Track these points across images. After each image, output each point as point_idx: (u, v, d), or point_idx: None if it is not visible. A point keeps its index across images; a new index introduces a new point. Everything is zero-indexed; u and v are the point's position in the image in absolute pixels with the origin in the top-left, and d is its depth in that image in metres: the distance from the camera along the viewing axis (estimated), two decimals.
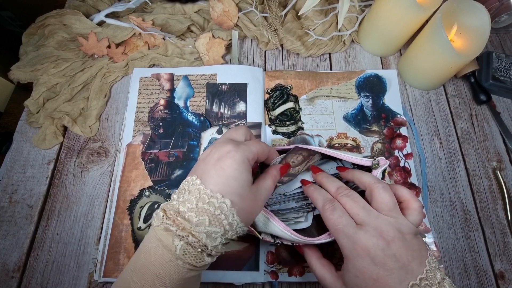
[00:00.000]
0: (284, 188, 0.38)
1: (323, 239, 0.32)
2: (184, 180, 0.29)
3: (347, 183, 0.35)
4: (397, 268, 0.26)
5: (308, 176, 0.38)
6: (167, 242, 0.26)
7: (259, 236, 0.35)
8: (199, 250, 0.26)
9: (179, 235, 0.26)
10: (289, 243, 0.36)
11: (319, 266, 0.33)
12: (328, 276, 0.32)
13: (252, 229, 0.35)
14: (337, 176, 0.37)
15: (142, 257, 0.27)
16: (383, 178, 0.34)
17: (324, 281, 0.32)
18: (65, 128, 0.50)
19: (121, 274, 0.28)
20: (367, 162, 0.34)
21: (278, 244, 0.37)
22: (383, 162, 0.34)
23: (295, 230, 0.36)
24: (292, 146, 0.38)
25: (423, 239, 0.31)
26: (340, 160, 0.38)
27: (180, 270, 0.26)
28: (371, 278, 0.27)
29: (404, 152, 0.48)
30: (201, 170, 0.29)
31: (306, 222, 0.37)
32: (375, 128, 0.50)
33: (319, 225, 0.36)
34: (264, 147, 0.33)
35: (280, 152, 0.39)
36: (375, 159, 0.34)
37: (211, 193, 0.27)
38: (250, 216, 0.30)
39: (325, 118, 0.51)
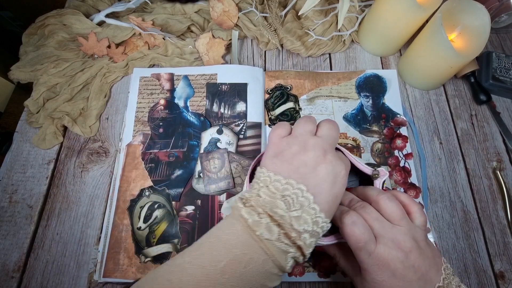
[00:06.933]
0: None
1: (331, 240, 0.32)
2: (287, 184, 0.26)
3: None
4: (416, 279, 0.27)
5: None
6: (281, 261, 0.25)
7: None
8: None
9: (294, 256, 0.26)
10: None
11: (341, 259, 0.34)
12: (350, 272, 0.33)
13: None
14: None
15: (245, 264, 0.25)
16: (382, 187, 0.34)
17: (348, 274, 0.33)
18: (65, 128, 0.50)
19: (207, 273, 0.25)
20: (367, 170, 0.34)
21: None
22: (383, 173, 0.34)
23: None
24: None
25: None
26: None
27: (279, 279, 0.27)
28: None
29: (404, 152, 0.48)
30: (314, 183, 0.26)
31: None
32: (375, 128, 0.50)
33: None
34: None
35: None
36: (375, 169, 0.34)
37: (324, 219, 0.26)
38: None
39: (325, 118, 0.50)
